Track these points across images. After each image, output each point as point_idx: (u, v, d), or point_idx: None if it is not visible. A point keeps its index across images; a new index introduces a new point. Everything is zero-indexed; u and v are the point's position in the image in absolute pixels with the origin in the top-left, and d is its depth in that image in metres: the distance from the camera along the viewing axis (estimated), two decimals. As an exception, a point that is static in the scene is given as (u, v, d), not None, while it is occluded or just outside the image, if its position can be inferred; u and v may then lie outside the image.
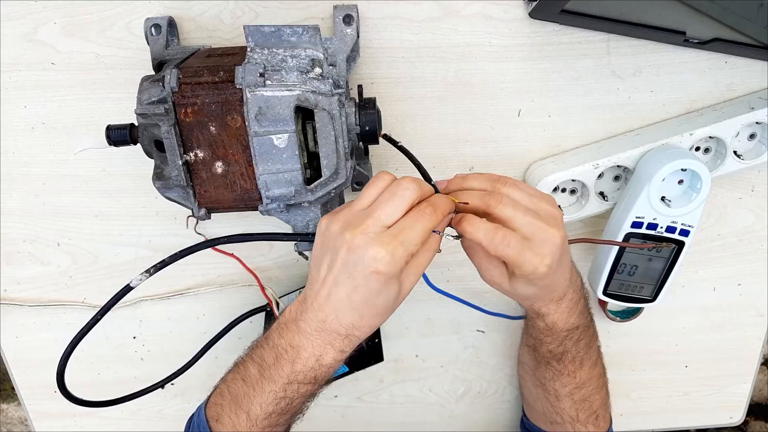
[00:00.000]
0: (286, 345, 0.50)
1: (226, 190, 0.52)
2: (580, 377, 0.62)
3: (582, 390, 0.62)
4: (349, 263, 0.46)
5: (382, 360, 0.78)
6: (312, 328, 0.49)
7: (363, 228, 0.45)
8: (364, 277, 0.45)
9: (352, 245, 0.45)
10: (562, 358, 0.60)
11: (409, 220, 0.46)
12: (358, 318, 0.48)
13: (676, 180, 0.62)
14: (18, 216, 0.67)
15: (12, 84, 0.60)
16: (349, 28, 0.56)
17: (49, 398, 0.77)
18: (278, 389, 0.50)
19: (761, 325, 0.79)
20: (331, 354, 0.49)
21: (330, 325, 0.48)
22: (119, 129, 0.52)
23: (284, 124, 0.48)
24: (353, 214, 0.47)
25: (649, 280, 0.66)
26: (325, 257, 0.48)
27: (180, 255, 0.54)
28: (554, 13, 0.56)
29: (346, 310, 0.48)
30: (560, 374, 0.62)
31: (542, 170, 0.64)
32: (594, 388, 0.63)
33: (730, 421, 0.87)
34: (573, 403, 0.63)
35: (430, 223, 0.46)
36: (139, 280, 0.55)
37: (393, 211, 0.46)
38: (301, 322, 0.49)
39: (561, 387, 0.63)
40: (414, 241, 0.45)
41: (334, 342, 0.49)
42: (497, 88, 0.62)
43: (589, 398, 0.63)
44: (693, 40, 0.59)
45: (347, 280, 0.46)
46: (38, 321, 0.73)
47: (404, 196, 0.46)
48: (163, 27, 0.55)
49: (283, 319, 0.51)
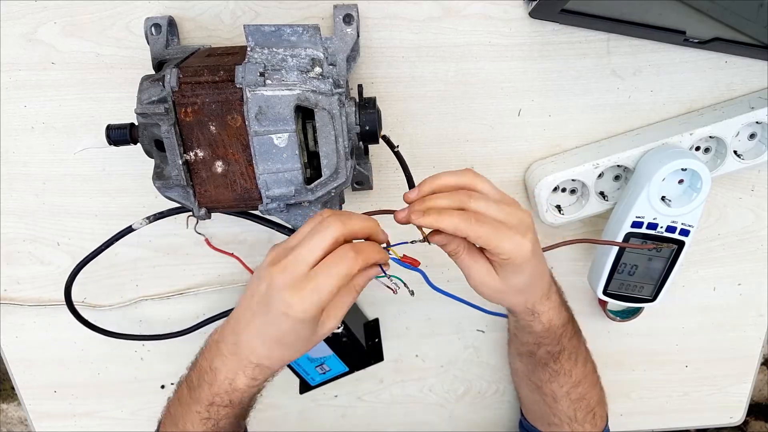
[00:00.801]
0: (206, 366, 0.51)
1: (226, 190, 0.52)
2: (576, 375, 0.62)
3: (578, 388, 0.63)
4: (265, 298, 0.47)
5: (382, 360, 0.78)
6: (228, 351, 0.50)
7: (282, 266, 0.46)
8: (275, 317, 0.46)
9: (272, 283, 0.46)
10: (559, 357, 0.61)
11: (325, 266, 0.46)
12: (267, 351, 0.49)
13: (676, 180, 0.62)
14: (18, 216, 0.67)
15: (12, 83, 0.60)
16: (350, 27, 0.56)
17: (49, 398, 0.77)
18: (202, 410, 0.51)
19: (761, 325, 0.79)
20: (243, 379, 0.50)
21: (242, 351, 0.49)
22: (119, 128, 0.52)
23: (284, 123, 0.48)
24: (282, 249, 0.48)
25: (649, 280, 0.66)
26: (252, 286, 0.49)
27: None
28: (554, 13, 0.56)
29: (257, 342, 0.49)
30: (557, 374, 0.62)
31: (542, 170, 0.64)
32: (589, 385, 0.64)
33: (730, 421, 0.87)
34: (570, 402, 0.63)
35: (347, 269, 0.46)
36: (140, 224, 0.60)
37: (311, 250, 0.46)
38: (221, 344, 0.51)
39: (558, 388, 0.63)
40: (328, 289, 0.45)
41: (246, 369, 0.50)
42: (497, 88, 0.62)
43: (585, 396, 0.64)
44: (693, 40, 0.59)
45: (262, 314, 0.47)
46: (38, 321, 0.73)
47: (324, 235, 0.46)
48: (163, 27, 0.55)
49: (210, 338, 0.53)
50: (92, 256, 0.63)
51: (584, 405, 0.64)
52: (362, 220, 0.48)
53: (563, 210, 0.66)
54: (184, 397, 0.53)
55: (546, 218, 0.65)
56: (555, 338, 0.59)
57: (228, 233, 0.69)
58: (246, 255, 0.68)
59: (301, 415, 0.81)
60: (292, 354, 0.50)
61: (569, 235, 0.70)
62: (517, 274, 0.51)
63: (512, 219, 0.49)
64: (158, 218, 0.60)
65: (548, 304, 0.57)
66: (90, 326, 0.68)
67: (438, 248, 0.53)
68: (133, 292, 0.71)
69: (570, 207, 0.67)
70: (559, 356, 0.61)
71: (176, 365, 0.76)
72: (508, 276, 0.52)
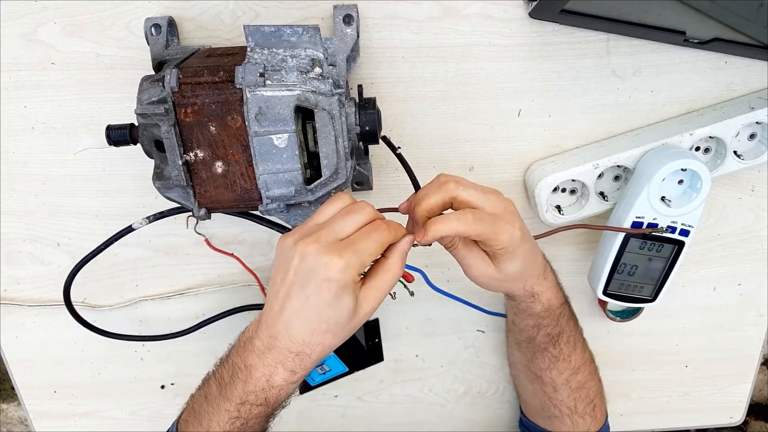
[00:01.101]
0: (240, 364, 0.49)
1: (226, 190, 0.52)
2: (575, 361, 0.63)
3: (578, 375, 0.63)
4: (300, 272, 0.45)
5: (382, 360, 0.78)
6: (264, 346, 0.48)
7: (315, 237, 0.46)
8: (315, 286, 0.45)
9: (305, 253, 0.45)
10: (558, 340, 0.61)
11: (362, 233, 0.46)
12: (309, 333, 0.47)
13: (676, 180, 0.62)
14: (18, 216, 0.67)
15: (12, 84, 0.60)
16: (349, 28, 0.56)
17: (49, 398, 0.77)
18: (232, 409, 0.49)
19: (761, 325, 0.79)
20: (281, 374, 0.48)
21: (281, 341, 0.47)
22: (119, 129, 0.52)
23: (284, 124, 0.48)
24: (308, 228, 0.48)
25: (649, 280, 0.66)
26: (279, 271, 0.48)
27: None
28: (554, 13, 0.56)
29: (296, 324, 0.47)
30: (556, 360, 0.62)
31: (542, 170, 0.64)
32: (588, 373, 0.64)
33: (730, 421, 0.87)
34: (570, 391, 0.64)
35: (382, 237, 0.46)
36: (140, 224, 0.60)
37: (347, 225, 0.46)
38: (255, 340, 0.49)
39: (557, 375, 0.63)
40: (367, 250, 0.45)
41: (285, 361, 0.48)
42: (497, 88, 0.62)
43: (585, 385, 0.64)
44: (693, 40, 0.59)
45: (299, 291, 0.46)
46: (38, 321, 0.73)
47: (360, 215, 0.47)
48: (163, 27, 0.55)
49: (243, 336, 0.51)
50: (91, 256, 0.63)
51: (584, 395, 0.64)
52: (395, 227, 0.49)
53: (563, 210, 0.66)
54: (213, 395, 0.51)
55: (546, 218, 0.65)
56: (554, 318, 0.60)
57: (228, 233, 0.69)
58: (246, 255, 0.68)
59: (301, 415, 0.81)
60: (333, 336, 0.47)
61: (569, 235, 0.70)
62: (512, 260, 0.53)
63: (499, 208, 0.50)
64: (158, 218, 0.60)
65: (545, 284, 0.58)
66: (88, 326, 0.68)
67: (438, 248, 0.54)
68: (133, 292, 0.72)
69: (570, 207, 0.67)
70: (558, 339, 0.61)
71: (176, 365, 0.76)
72: (504, 263, 0.53)
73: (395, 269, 0.48)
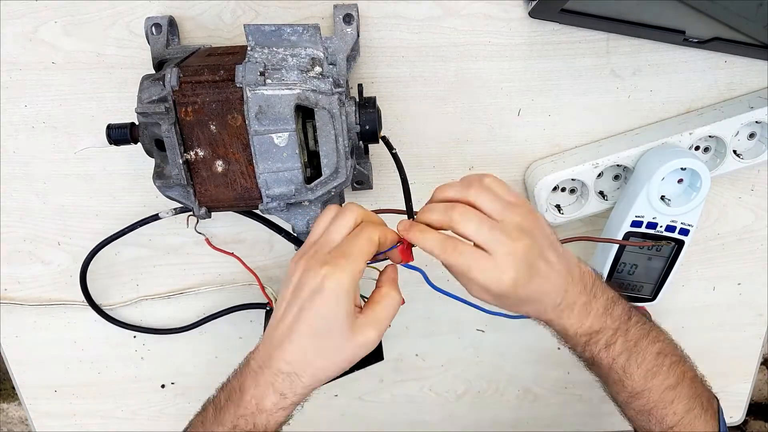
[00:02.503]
0: (236, 385, 0.48)
1: (227, 189, 0.52)
2: (631, 386, 0.56)
3: (640, 400, 0.56)
4: (299, 287, 0.46)
5: (382, 359, 0.78)
6: (259, 366, 0.47)
7: (312, 253, 0.46)
8: (309, 298, 0.44)
9: (303, 270, 0.46)
10: (594, 363, 0.56)
11: (351, 236, 0.47)
12: (302, 351, 0.46)
13: (675, 179, 0.62)
14: (18, 215, 0.67)
15: (12, 83, 0.60)
16: (350, 27, 0.56)
17: (49, 398, 0.77)
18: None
19: (761, 325, 0.79)
20: (271, 397, 0.46)
21: (274, 360, 0.46)
22: (120, 128, 0.52)
23: (284, 122, 0.48)
24: (308, 247, 0.48)
25: (648, 280, 0.66)
26: (281, 293, 0.48)
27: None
28: (554, 13, 0.56)
29: (290, 342, 0.46)
30: (606, 378, 0.57)
31: (542, 169, 0.64)
32: (655, 402, 0.56)
33: (730, 421, 0.87)
34: (635, 413, 0.58)
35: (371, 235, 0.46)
36: (167, 214, 0.62)
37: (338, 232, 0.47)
38: (252, 361, 0.48)
39: (617, 393, 0.58)
40: (359, 251, 0.45)
41: (275, 382, 0.46)
42: (497, 88, 0.63)
43: (651, 411, 0.57)
44: (692, 40, 0.59)
45: (296, 305, 0.45)
46: (38, 321, 0.73)
47: (345, 219, 0.47)
48: (163, 26, 0.56)
49: (244, 360, 0.50)
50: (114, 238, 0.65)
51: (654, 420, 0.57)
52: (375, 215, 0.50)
53: (563, 209, 0.66)
54: (209, 419, 0.50)
55: (546, 218, 0.66)
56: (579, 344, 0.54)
57: (228, 233, 0.69)
58: (246, 255, 0.68)
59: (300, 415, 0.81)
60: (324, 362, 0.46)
61: (569, 234, 0.70)
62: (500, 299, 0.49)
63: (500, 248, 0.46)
64: (181, 212, 0.61)
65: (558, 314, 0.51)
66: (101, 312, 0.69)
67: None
68: (133, 292, 0.72)
69: (570, 206, 0.67)
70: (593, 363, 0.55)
71: (176, 365, 0.77)
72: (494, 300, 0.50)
73: (392, 294, 0.48)
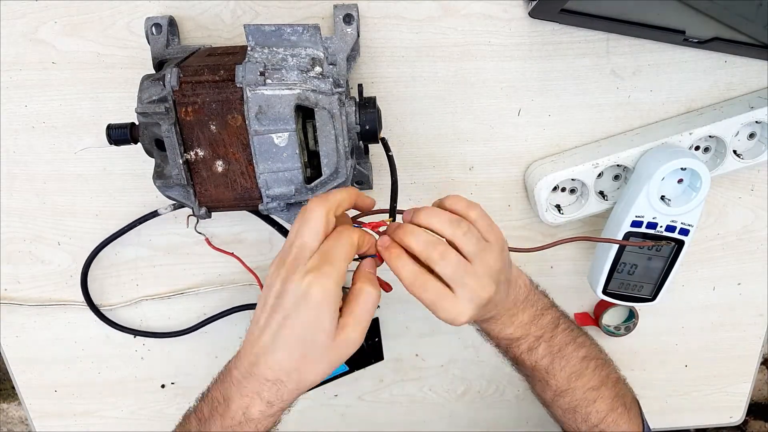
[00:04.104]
0: (219, 397, 0.48)
1: (227, 189, 0.52)
2: (556, 385, 0.60)
3: (564, 398, 0.61)
4: (280, 296, 0.45)
5: (382, 359, 0.78)
6: (242, 375, 0.46)
7: (292, 259, 0.45)
8: (294, 307, 0.44)
9: (285, 278, 0.45)
10: (517, 362, 0.61)
11: (331, 240, 0.45)
12: (286, 358, 0.45)
13: (675, 179, 0.62)
14: (18, 215, 0.67)
15: (12, 83, 0.60)
16: (350, 27, 0.56)
17: (49, 398, 0.77)
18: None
19: (761, 325, 0.79)
20: (258, 406, 0.46)
21: (258, 368, 0.46)
22: (120, 128, 0.52)
23: (284, 122, 0.48)
24: (283, 252, 0.47)
25: (648, 280, 0.66)
26: (261, 299, 0.47)
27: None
28: (554, 13, 0.56)
29: (274, 349, 0.45)
30: (531, 378, 0.62)
31: (542, 169, 0.64)
32: (579, 400, 0.61)
33: (730, 421, 0.87)
34: (562, 412, 0.62)
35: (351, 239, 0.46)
36: (165, 210, 0.63)
37: (311, 232, 0.45)
38: (234, 370, 0.47)
39: (541, 392, 0.63)
40: (341, 256, 0.44)
41: (262, 390, 0.46)
42: (497, 88, 0.63)
43: (576, 409, 0.61)
44: (692, 40, 0.59)
45: (278, 314, 0.45)
46: (38, 320, 0.73)
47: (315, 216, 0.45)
48: (163, 26, 0.56)
49: (224, 368, 0.50)
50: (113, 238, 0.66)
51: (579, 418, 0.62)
52: (341, 191, 0.48)
53: (563, 209, 0.66)
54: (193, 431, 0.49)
55: (546, 218, 0.66)
56: (500, 346, 0.60)
57: (228, 233, 0.69)
58: (246, 255, 0.68)
59: (301, 415, 0.81)
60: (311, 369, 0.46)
61: (569, 234, 0.70)
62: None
63: (465, 293, 0.48)
64: (179, 207, 0.61)
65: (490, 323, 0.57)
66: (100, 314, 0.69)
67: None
68: (133, 292, 0.72)
69: (570, 206, 0.67)
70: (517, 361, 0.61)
71: (176, 365, 0.77)
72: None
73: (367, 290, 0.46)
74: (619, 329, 0.76)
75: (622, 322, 0.76)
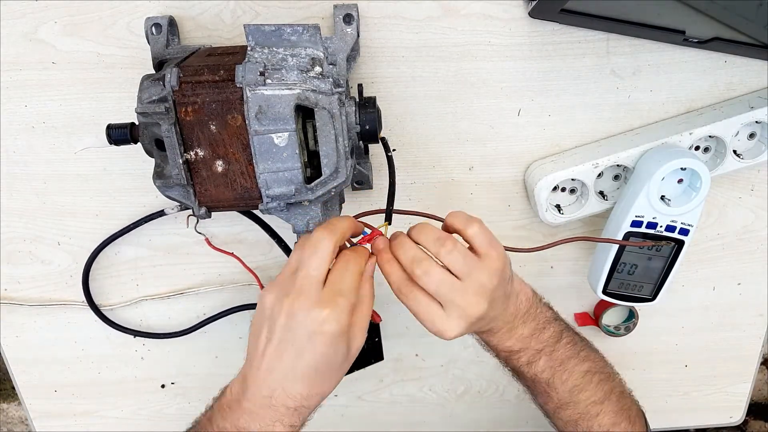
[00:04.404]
0: (231, 427, 0.47)
1: (227, 189, 0.52)
2: (558, 398, 0.59)
3: (566, 410, 0.60)
4: (290, 330, 0.44)
5: (382, 359, 0.78)
6: (257, 406, 0.46)
7: (297, 291, 0.45)
8: (309, 341, 0.44)
9: (292, 310, 0.44)
10: (517, 374, 0.60)
11: (339, 270, 0.46)
12: (307, 387, 0.46)
13: (675, 179, 0.62)
14: (18, 215, 0.67)
15: (12, 83, 0.60)
16: (350, 27, 0.56)
17: (49, 398, 0.77)
18: None
19: (761, 325, 0.79)
20: (280, 428, 0.46)
21: (277, 399, 0.46)
22: (120, 128, 0.52)
23: (284, 122, 0.48)
24: (285, 279, 0.47)
25: (648, 279, 0.66)
26: (262, 329, 0.47)
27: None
28: (554, 13, 0.56)
29: (293, 381, 0.46)
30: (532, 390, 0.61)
31: (542, 170, 0.64)
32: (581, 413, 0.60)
33: (730, 421, 0.87)
34: (563, 423, 0.61)
35: (358, 267, 0.46)
36: (172, 210, 0.64)
37: (318, 266, 0.45)
38: (244, 402, 0.47)
39: (544, 403, 0.62)
40: (352, 287, 0.45)
41: (283, 418, 0.46)
42: (497, 88, 0.63)
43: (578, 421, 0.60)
44: (692, 40, 0.59)
45: (290, 348, 0.45)
46: (38, 320, 0.73)
47: (323, 246, 0.46)
48: (163, 26, 0.56)
49: (224, 399, 0.49)
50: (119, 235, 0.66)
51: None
52: (343, 220, 0.49)
53: (563, 209, 0.66)
54: None
55: (546, 218, 0.66)
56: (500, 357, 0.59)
57: (228, 233, 0.69)
58: (246, 254, 0.68)
59: (301, 415, 0.81)
60: (330, 385, 0.47)
61: (569, 234, 0.70)
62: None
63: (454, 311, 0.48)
64: (186, 208, 0.62)
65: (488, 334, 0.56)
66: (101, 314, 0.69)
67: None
68: (133, 292, 0.72)
69: (570, 206, 0.67)
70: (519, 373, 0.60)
71: (176, 365, 0.77)
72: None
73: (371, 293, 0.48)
74: (619, 329, 0.76)
75: (622, 322, 0.76)
